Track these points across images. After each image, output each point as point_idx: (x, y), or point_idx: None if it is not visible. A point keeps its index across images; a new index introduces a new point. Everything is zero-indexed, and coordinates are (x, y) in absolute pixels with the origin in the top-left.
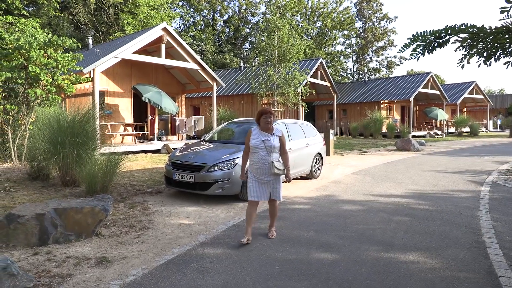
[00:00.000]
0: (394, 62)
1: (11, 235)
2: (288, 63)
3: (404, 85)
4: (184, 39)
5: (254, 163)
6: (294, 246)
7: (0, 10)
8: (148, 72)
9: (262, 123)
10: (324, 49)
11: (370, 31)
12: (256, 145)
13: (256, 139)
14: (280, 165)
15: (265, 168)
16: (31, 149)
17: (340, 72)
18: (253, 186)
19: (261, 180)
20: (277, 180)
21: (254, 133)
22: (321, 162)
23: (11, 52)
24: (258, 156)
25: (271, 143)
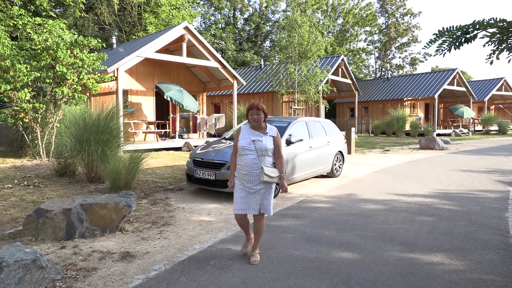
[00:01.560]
0: (418, 58)
1: (40, 229)
2: (309, 61)
3: (429, 82)
4: (205, 37)
5: (242, 167)
6: (315, 245)
7: (30, 12)
8: (170, 71)
9: (250, 121)
10: (345, 46)
11: (393, 27)
12: (244, 146)
13: (245, 139)
14: (271, 171)
15: (254, 175)
16: (58, 146)
17: (362, 69)
18: (239, 196)
19: (249, 188)
20: (268, 190)
21: (244, 132)
22: (342, 161)
23: (40, 52)
24: (246, 160)
25: (263, 144)
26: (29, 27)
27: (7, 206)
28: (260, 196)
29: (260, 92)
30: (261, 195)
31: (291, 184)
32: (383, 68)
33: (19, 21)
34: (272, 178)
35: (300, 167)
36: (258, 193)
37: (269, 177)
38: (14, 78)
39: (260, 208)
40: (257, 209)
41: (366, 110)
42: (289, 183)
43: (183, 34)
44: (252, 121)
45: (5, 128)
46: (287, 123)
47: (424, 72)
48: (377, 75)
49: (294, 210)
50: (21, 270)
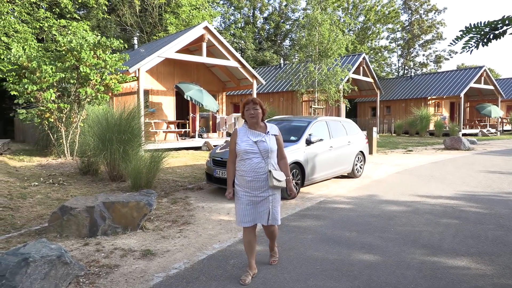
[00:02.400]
0: (443, 56)
1: (64, 226)
2: (329, 59)
3: (454, 80)
4: (225, 37)
5: (245, 173)
6: (335, 246)
7: (55, 15)
8: (190, 71)
9: (246, 118)
10: (367, 44)
11: (416, 24)
12: (246, 149)
13: (245, 141)
14: (280, 174)
15: (261, 180)
16: (81, 145)
17: (384, 68)
18: (244, 207)
19: (256, 196)
20: (276, 197)
21: (241, 133)
22: (363, 161)
23: (64, 53)
24: (250, 164)
25: (267, 145)
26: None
27: (34, 203)
28: (268, 204)
29: (279, 91)
30: (269, 203)
31: (311, 184)
32: (406, 66)
33: (45, 23)
34: (280, 182)
35: (320, 167)
36: (267, 201)
37: (278, 181)
38: (40, 79)
39: (269, 218)
40: (266, 218)
41: (388, 110)
42: (309, 183)
43: (203, 34)
44: (248, 117)
45: (31, 127)
46: (307, 122)
47: (449, 70)
48: (399, 73)
49: (314, 211)
50: (46, 265)
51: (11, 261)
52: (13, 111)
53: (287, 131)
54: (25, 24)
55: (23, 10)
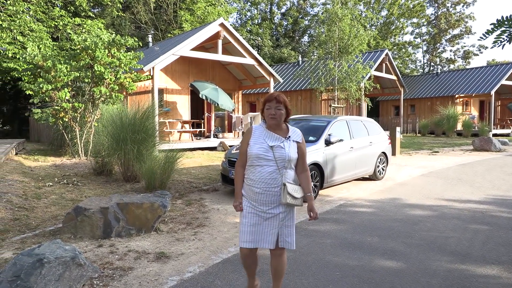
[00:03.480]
0: (472, 51)
1: (78, 226)
2: (350, 56)
3: (484, 77)
4: (241, 34)
5: (254, 183)
6: (356, 252)
7: (69, 13)
8: (205, 69)
9: (266, 117)
10: (390, 39)
11: (443, 18)
12: (259, 154)
13: (260, 144)
14: (296, 190)
15: (272, 194)
16: (96, 145)
17: (408, 64)
18: (248, 223)
19: (263, 213)
20: (290, 215)
21: (257, 134)
22: (386, 162)
23: (79, 52)
24: (261, 173)
25: (285, 152)
26: (69, 27)
27: (48, 203)
28: (277, 222)
29: (298, 89)
30: (279, 221)
31: (330, 187)
32: (432, 63)
33: (60, 22)
34: (296, 200)
35: (340, 169)
36: (276, 219)
37: (294, 199)
38: (55, 78)
39: (278, 240)
40: (274, 241)
41: (412, 108)
42: (328, 186)
43: (219, 31)
44: (268, 118)
45: (46, 127)
46: (326, 122)
47: (478, 66)
48: (425, 70)
49: (333, 214)
50: (61, 267)
51: (26, 262)
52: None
53: (306, 131)
54: (40, 23)
55: (38, 9)
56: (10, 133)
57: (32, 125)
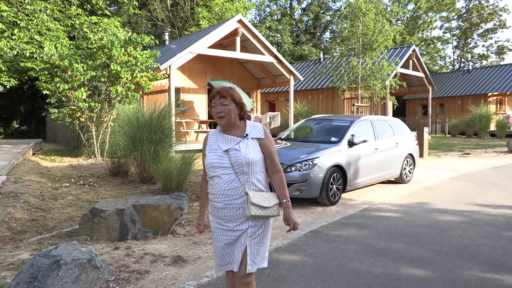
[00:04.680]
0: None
1: (95, 228)
2: (375, 52)
3: None
4: (260, 30)
5: (215, 197)
6: (381, 259)
7: (86, 11)
8: (222, 67)
9: (214, 118)
10: (417, 34)
11: (475, 11)
12: (213, 162)
13: (213, 151)
14: (264, 197)
15: (235, 207)
16: (112, 145)
17: (437, 61)
18: (220, 246)
19: (231, 230)
20: (261, 229)
21: (212, 139)
22: (413, 165)
23: (95, 51)
24: (219, 184)
25: (241, 154)
26: (86, 26)
27: (65, 204)
28: (244, 240)
29: (319, 88)
30: (246, 238)
31: (354, 190)
32: (463, 59)
33: (77, 20)
34: (265, 209)
35: (364, 171)
36: (243, 237)
37: (261, 209)
38: (71, 77)
39: (241, 262)
40: (239, 261)
41: (441, 107)
42: (351, 189)
43: (237, 28)
44: (216, 118)
45: (63, 127)
46: (349, 122)
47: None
48: (455, 67)
49: (357, 219)
50: (77, 269)
51: (43, 263)
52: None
53: (327, 131)
54: (57, 22)
55: (55, 7)
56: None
57: (48, 125)
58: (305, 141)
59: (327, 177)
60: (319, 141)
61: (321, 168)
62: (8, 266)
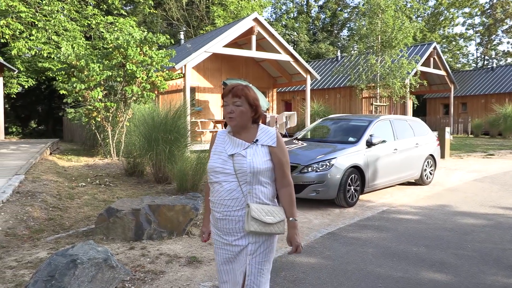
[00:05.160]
0: None
1: (111, 228)
2: (394, 50)
3: None
4: (276, 29)
5: (214, 206)
6: (400, 262)
7: (102, 11)
8: (238, 66)
9: (225, 117)
10: (438, 31)
11: (500, 7)
12: (215, 167)
13: (218, 154)
14: (268, 211)
15: (234, 220)
16: (127, 145)
17: (459, 59)
18: (220, 260)
19: (229, 245)
20: (263, 246)
21: (219, 140)
22: (433, 166)
23: (111, 51)
24: (219, 192)
25: (246, 162)
26: (102, 26)
27: (81, 204)
28: (244, 258)
29: (336, 87)
30: (246, 256)
31: (372, 192)
32: (486, 56)
33: (93, 20)
34: (267, 226)
35: (383, 172)
36: (244, 253)
37: (262, 225)
38: (88, 77)
39: (244, 282)
40: (240, 283)
41: (464, 107)
42: (369, 190)
43: (253, 26)
44: (227, 118)
45: (79, 127)
46: (367, 122)
47: None
48: (478, 64)
49: (375, 221)
50: (93, 268)
51: (60, 262)
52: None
53: (345, 131)
54: (73, 22)
55: (72, 8)
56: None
57: (65, 124)
58: (322, 141)
59: (345, 178)
60: (337, 141)
61: (339, 169)
62: (26, 265)
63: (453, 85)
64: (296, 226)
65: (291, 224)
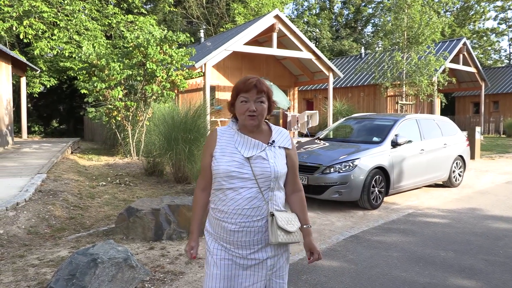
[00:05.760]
0: None
1: (130, 228)
2: (421, 47)
3: None
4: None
5: (226, 217)
6: (427, 267)
7: (123, 10)
8: (258, 64)
9: (241, 114)
10: (468, 26)
11: None
12: (230, 171)
13: (229, 155)
14: (290, 220)
15: (254, 232)
16: (147, 144)
17: (491, 55)
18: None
19: (243, 259)
20: (282, 258)
21: (224, 139)
22: (463, 167)
23: (132, 50)
24: (236, 200)
25: (270, 165)
26: (122, 25)
27: (102, 203)
28: (264, 272)
29: (359, 85)
30: (266, 270)
31: (397, 194)
32: None
33: (113, 19)
34: (291, 235)
35: (409, 173)
36: (262, 267)
37: (286, 234)
38: (108, 76)
39: None
40: None
41: (495, 105)
42: (394, 192)
43: (274, 24)
44: (246, 116)
45: (99, 126)
46: (392, 121)
47: None
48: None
49: (400, 224)
50: (113, 268)
51: (81, 261)
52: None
53: (369, 131)
54: (94, 22)
55: (93, 7)
56: (66, 132)
57: (86, 124)
58: (345, 141)
59: (369, 179)
60: (360, 141)
61: (362, 170)
62: (48, 263)
63: (484, 83)
64: (311, 233)
65: (308, 231)
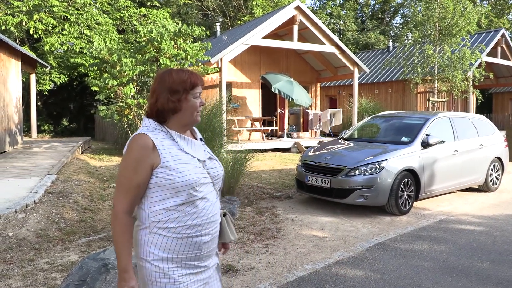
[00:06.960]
0: None
1: None
2: (455, 39)
3: None
4: (320, 17)
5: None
6: (461, 279)
7: (135, 3)
8: (278, 59)
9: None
10: (507, 16)
11: None
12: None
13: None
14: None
15: (216, 236)
16: None
17: None
18: None
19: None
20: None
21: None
22: (501, 170)
23: (144, 45)
24: (207, 209)
25: (219, 164)
26: (135, 18)
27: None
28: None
29: (387, 81)
30: (217, 273)
31: (428, 198)
32: None
33: (125, 13)
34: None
35: (441, 176)
36: (218, 270)
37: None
38: (120, 73)
39: None
40: None
41: None
42: (425, 197)
43: (294, 15)
44: (195, 112)
45: (111, 125)
46: (423, 120)
47: None
48: None
49: (432, 232)
50: None
51: (92, 266)
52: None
53: (397, 130)
54: (106, 15)
55: (104, 0)
56: (76, 131)
57: (97, 122)
58: (371, 141)
59: (397, 183)
60: (388, 142)
61: (390, 172)
62: (58, 268)
63: None
64: None
65: None
